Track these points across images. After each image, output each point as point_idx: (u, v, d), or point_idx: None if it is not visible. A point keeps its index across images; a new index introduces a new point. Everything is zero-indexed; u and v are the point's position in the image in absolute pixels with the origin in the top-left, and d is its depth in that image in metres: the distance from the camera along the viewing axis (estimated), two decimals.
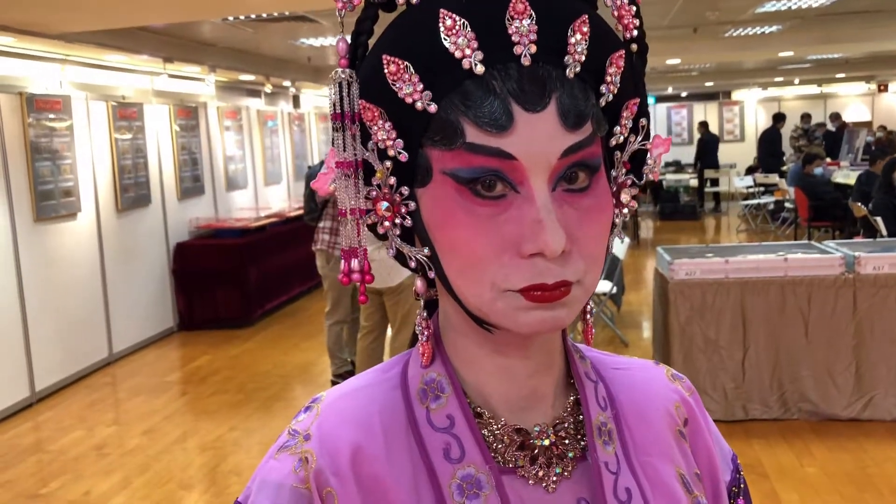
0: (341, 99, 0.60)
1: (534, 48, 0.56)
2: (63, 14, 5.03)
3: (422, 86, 0.57)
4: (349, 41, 0.62)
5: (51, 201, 6.09)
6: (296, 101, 11.51)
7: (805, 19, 8.74)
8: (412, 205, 0.62)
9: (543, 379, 0.68)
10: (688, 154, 17.15)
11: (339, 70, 0.60)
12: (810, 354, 4.57)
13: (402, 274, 4.65)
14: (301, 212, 7.19)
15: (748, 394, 4.63)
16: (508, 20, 0.56)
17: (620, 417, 0.72)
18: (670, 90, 17.75)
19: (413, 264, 0.65)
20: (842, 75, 16.20)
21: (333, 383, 5.53)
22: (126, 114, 7.15)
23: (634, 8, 0.63)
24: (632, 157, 0.65)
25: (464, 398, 0.66)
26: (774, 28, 9.26)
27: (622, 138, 0.63)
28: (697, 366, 4.58)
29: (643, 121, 0.64)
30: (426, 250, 0.63)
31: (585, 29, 0.57)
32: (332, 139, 0.61)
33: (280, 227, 8.66)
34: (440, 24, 0.56)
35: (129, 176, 7.16)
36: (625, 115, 0.62)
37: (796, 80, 17.12)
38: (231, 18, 6.60)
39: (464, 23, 0.56)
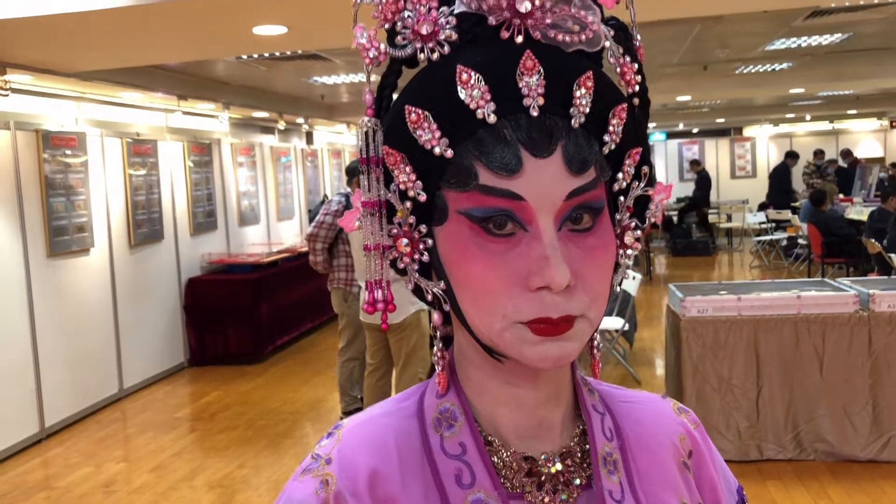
0: (367, 145, 0.66)
1: (541, 101, 0.61)
2: (80, 53, 5.11)
3: (439, 133, 0.62)
4: (375, 93, 0.67)
5: (64, 237, 6.13)
6: (309, 138, 11.61)
7: (815, 56, 8.77)
8: (430, 242, 0.68)
9: (552, 409, 0.73)
10: None
11: (366, 119, 0.66)
12: (826, 393, 4.51)
13: (405, 311, 4.66)
14: None
15: (762, 433, 4.56)
16: (519, 76, 0.61)
17: (626, 448, 0.75)
18: (681, 126, 17.81)
19: (430, 297, 0.70)
20: (853, 112, 16.22)
21: None
22: (140, 150, 7.22)
23: (636, 65, 0.67)
24: (635, 201, 0.70)
25: (475, 427, 0.71)
26: (785, 65, 9.30)
27: (625, 184, 0.68)
28: (710, 404, 4.52)
29: (645, 168, 0.69)
30: (442, 284, 0.68)
31: (590, 84, 0.62)
32: (359, 181, 0.67)
33: (292, 263, 8.67)
34: (457, 78, 0.62)
35: (142, 211, 7.21)
36: (627, 162, 0.67)
37: (808, 117, 17.14)
38: (244, 57, 6.68)
39: (479, 77, 0.61)
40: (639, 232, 0.70)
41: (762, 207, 14.47)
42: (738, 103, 14.10)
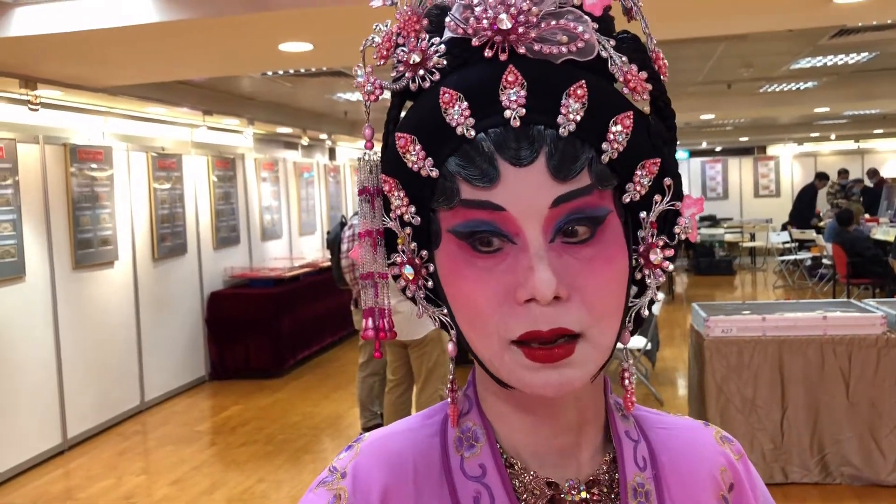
0: (365, 176, 0.68)
1: (522, 111, 0.60)
2: (108, 68, 5.18)
3: (424, 154, 0.63)
4: (373, 128, 0.69)
5: (89, 249, 6.19)
6: (331, 154, 11.68)
7: (841, 75, 8.71)
8: (431, 267, 0.67)
9: (574, 437, 0.70)
10: (722, 209, 17.04)
11: (366, 152, 0.68)
12: (852, 416, 4.44)
13: (426, 327, 4.64)
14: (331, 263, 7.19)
15: (787, 456, 4.49)
16: (501, 90, 0.61)
17: (661, 478, 0.72)
18: (704, 145, 17.72)
19: (437, 324, 0.69)
20: (879, 131, 16.07)
21: None
22: (165, 164, 7.29)
23: (646, 74, 0.65)
24: (663, 217, 0.67)
25: (496, 448, 0.69)
26: (810, 84, 9.24)
27: (638, 196, 0.65)
28: (734, 425, 4.47)
29: (668, 180, 0.66)
30: (444, 309, 0.68)
31: (581, 92, 0.61)
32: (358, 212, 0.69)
33: (313, 277, 8.70)
34: (440, 100, 0.62)
35: (166, 225, 7.27)
36: (639, 173, 0.64)
37: (833, 136, 17.00)
38: (270, 73, 6.74)
39: (459, 96, 0.62)
40: (670, 250, 0.67)
41: (786, 227, 14.34)
42: (762, 122, 14.01)
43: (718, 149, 18.45)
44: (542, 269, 0.59)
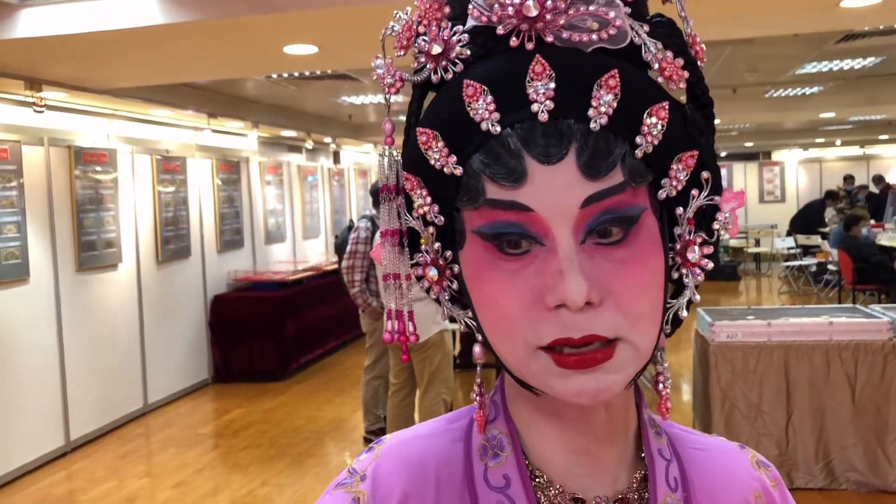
0: (386, 173, 0.65)
1: (551, 105, 0.57)
2: (113, 70, 5.18)
3: (447, 150, 0.60)
4: (393, 123, 0.65)
5: (93, 252, 6.19)
6: (336, 157, 11.68)
7: (847, 80, 8.69)
8: (456, 268, 0.64)
9: (606, 450, 0.67)
10: None
11: (385, 147, 0.65)
12: (858, 422, 4.42)
13: (428, 331, 4.63)
14: (336, 266, 7.21)
15: (792, 461, 4.47)
16: (529, 82, 0.58)
17: (692, 501, 0.69)
18: None
19: (463, 328, 0.67)
20: (885, 137, 16.03)
21: (366, 440, 5.47)
22: (169, 167, 7.29)
23: (682, 60, 0.62)
24: (701, 213, 0.63)
25: (522, 459, 0.66)
26: (815, 89, 9.22)
27: (675, 191, 0.61)
28: (739, 431, 4.44)
29: (705, 174, 0.62)
30: (469, 312, 0.65)
31: (613, 83, 0.58)
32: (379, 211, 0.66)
33: (317, 281, 8.69)
34: (463, 93, 0.59)
35: (170, 228, 7.27)
36: (675, 167, 0.61)
37: (838, 142, 16.96)
38: (274, 76, 6.74)
39: (484, 89, 0.58)
40: (709, 248, 0.63)
41: (790, 233, 14.31)
42: (767, 127, 13.99)
43: (723, 154, 18.41)
44: (572, 273, 0.56)
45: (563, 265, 0.56)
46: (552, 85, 0.57)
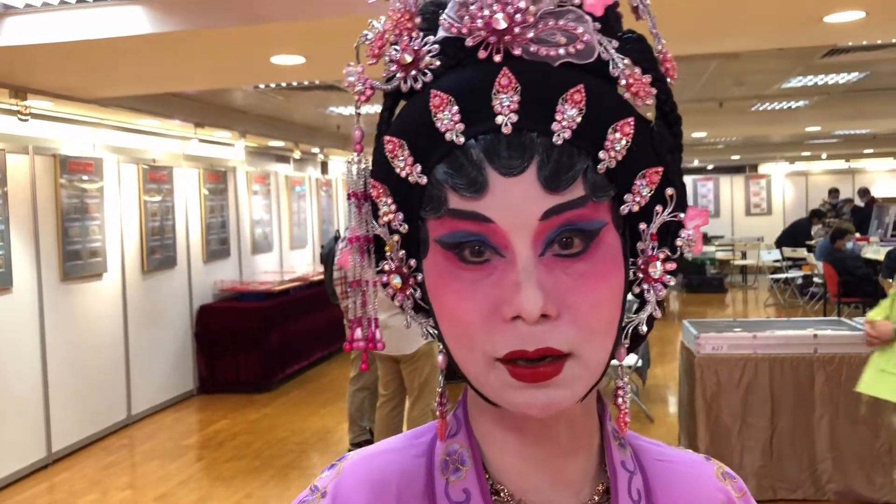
0: (352, 180, 0.65)
1: (515, 117, 0.57)
2: (99, 79, 5.16)
3: (412, 159, 0.60)
4: (363, 130, 0.67)
5: (78, 261, 6.15)
6: (324, 168, 11.67)
7: (832, 95, 8.76)
8: (420, 276, 0.64)
9: (568, 463, 0.67)
10: (713, 227, 17.06)
11: (354, 154, 0.66)
12: (842, 433, 4.43)
13: (418, 341, 4.62)
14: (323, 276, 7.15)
15: (777, 473, 4.48)
16: (494, 94, 0.58)
17: None
18: (696, 163, 17.79)
19: (426, 337, 0.67)
20: (870, 151, 16.17)
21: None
22: (156, 177, 7.26)
23: (650, 77, 0.62)
24: (665, 229, 0.63)
25: (483, 473, 0.66)
26: (801, 103, 9.29)
27: (637, 207, 0.61)
28: (724, 442, 4.45)
29: (669, 190, 0.62)
30: (432, 321, 0.65)
31: (578, 98, 0.58)
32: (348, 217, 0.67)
33: (304, 292, 8.66)
34: (430, 103, 0.60)
35: (156, 238, 7.23)
36: (639, 182, 0.61)
37: (824, 155, 17.09)
38: (262, 86, 6.74)
39: (450, 99, 0.59)
40: (671, 264, 0.63)
41: (778, 246, 14.38)
42: (753, 140, 14.08)
43: (710, 167, 18.53)
44: (529, 285, 0.56)
45: (520, 277, 0.57)
46: (517, 98, 0.58)
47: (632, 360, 6.29)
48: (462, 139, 0.58)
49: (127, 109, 6.25)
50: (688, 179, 19.08)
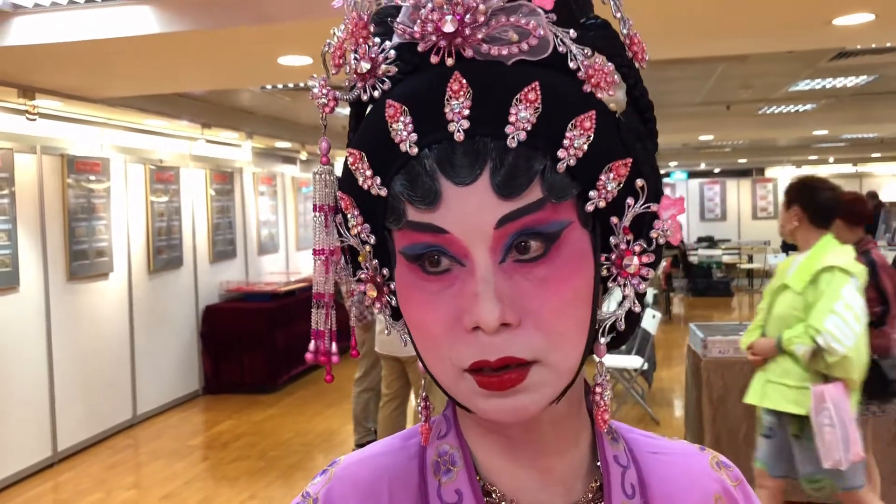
0: (319, 192, 0.64)
1: (466, 124, 0.55)
2: (107, 79, 5.17)
3: (371, 171, 0.59)
4: (329, 142, 0.66)
5: (84, 261, 6.17)
6: None
7: (840, 98, 8.73)
8: (393, 285, 0.64)
9: (556, 462, 0.66)
10: (720, 230, 17.04)
11: (321, 166, 0.65)
12: None
13: None
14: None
15: None
16: (447, 100, 0.56)
17: None
18: (703, 166, 17.76)
19: (405, 344, 0.66)
20: (877, 155, 16.11)
21: None
22: (163, 177, 7.28)
23: (612, 66, 0.59)
24: (640, 221, 0.61)
25: (473, 474, 0.65)
26: (808, 106, 9.26)
27: (603, 203, 0.58)
28: (730, 446, 4.43)
29: (639, 181, 0.59)
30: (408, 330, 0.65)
31: (533, 96, 0.56)
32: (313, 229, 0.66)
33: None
34: (385, 113, 0.58)
35: (162, 238, 7.24)
36: (605, 177, 0.58)
37: (831, 159, 17.04)
38: (269, 87, 6.74)
39: (404, 109, 0.57)
40: (648, 256, 0.61)
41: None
42: (760, 144, 14.04)
43: (717, 170, 18.49)
44: (486, 296, 0.55)
45: (478, 287, 0.56)
46: (468, 102, 0.56)
47: (637, 363, 6.27)
48: (416, 149, 0.56)
49: (134, 110, 6.26)
50: (694, 183, 19.06)
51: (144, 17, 3.84)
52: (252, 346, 7.70)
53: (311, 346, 0.66)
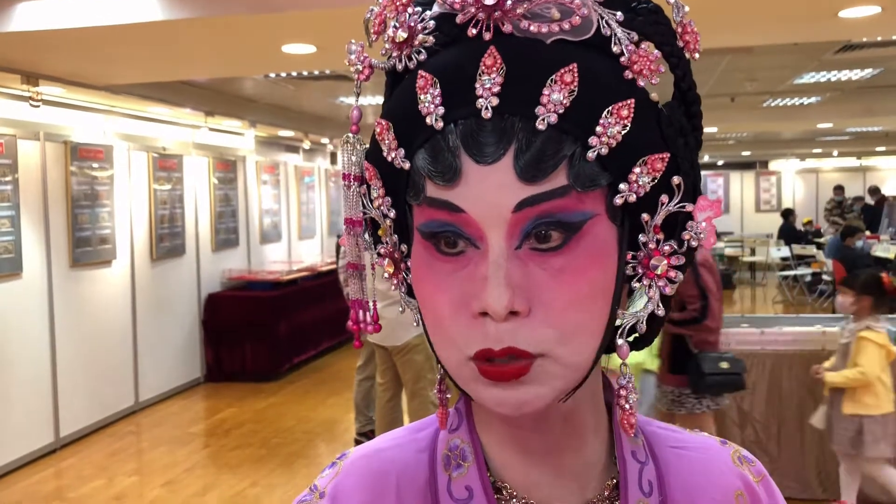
0: (346, 160, 0.63)
1: (495, 101, 0.53)
2: (111, 66, 5.17)
3: (396, 143, 0.57)
4: (361, 111, 0.64)
5: (87, 248, 6.17)
6: (333, 158, 11.66)
7: (845, 91, 8.71)
8: (409, 262, 0.62)
9: (570, 457, 0.64)
10: (723, 223, 17.02)
11: (349, 135, 0.63)
12: None
13: (408, 332, 4.59)
14: (333, 266, 7.17)
15: (784, 470, 4.46)
16: (479, 75, 0.54)
17: None
18: (707, 158, 17.73)
19: (417, 324, 0.64)
20: (882, 148, 16.09)
21: (357, 442, 5.45)
22: (166, 165, 7.28)
23: (658, 53, 0.57)
24: (673, 221, 0.58)
25: (485, 470, 0.64)
26: (813, 99, 9.24)
27: (633, 197, 0.56)
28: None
29: (676, 179, 0.56)
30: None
31: (570, 78, 0.53)
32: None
33: (311, 282, 8.67)
34: (416, 84, 0.57)
35: (165, 226, 7.25)
36: (638, 171, 0.55)
37: (835, 152, 17.02)
38: (273, 75, 6.73)
39: (434, 81, 0.56)
40: (678, 258, 0.58)
41: (788, 243, 14.35)
42: (764, 137, 14.02)
43: (720, 163, 18.47)
44: (496, 281, 0.53)
45: (489, 271, 0.54)
46: (500, 79, 0.54)
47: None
48: (441, 123, 0.55)
49: (138, 97, 6.26)
50: None
51: (148, 5, 3.83)
52: (254, 334, 7.71)
53: (352, 315, 0.64)
